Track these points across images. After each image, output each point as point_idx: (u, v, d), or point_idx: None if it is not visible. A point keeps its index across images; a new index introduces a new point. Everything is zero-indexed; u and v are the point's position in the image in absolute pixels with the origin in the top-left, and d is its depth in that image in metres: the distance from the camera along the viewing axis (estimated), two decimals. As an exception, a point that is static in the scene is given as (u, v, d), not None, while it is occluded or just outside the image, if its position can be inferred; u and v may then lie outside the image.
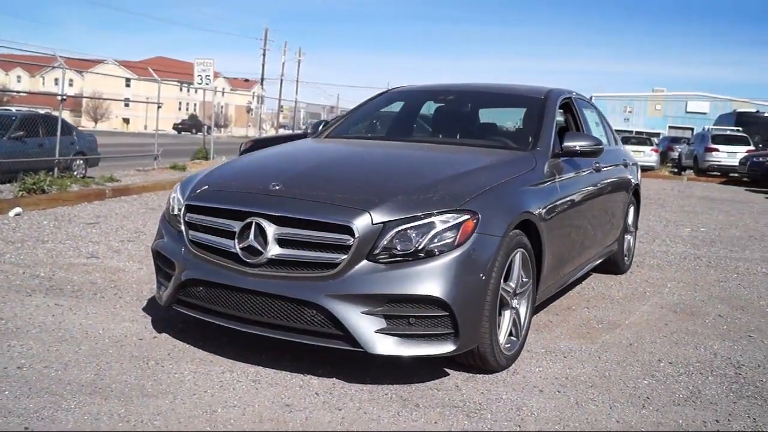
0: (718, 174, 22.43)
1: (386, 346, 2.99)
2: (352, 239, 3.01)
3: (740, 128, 25.35)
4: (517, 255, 3.42)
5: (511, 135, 4.57)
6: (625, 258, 5.98)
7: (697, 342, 4.11)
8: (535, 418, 2.91)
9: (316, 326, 3.06)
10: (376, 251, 3.02)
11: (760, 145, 24.31)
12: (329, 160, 3.95)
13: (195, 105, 75.65)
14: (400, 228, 3.03)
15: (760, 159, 19.34)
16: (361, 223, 3.02)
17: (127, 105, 54.83)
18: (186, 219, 3.47)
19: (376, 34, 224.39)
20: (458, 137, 4.63)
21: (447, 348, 3.04)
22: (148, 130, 49.77)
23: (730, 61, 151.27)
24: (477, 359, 3.27)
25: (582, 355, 3.76)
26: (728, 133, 23.78)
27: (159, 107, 14.59)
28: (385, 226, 3.03)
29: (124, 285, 4.75)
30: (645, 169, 24.18)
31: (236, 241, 3.20)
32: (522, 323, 3.58)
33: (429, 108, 5.06)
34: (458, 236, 3.05)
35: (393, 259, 3.02)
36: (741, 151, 22.18)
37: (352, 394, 3.06)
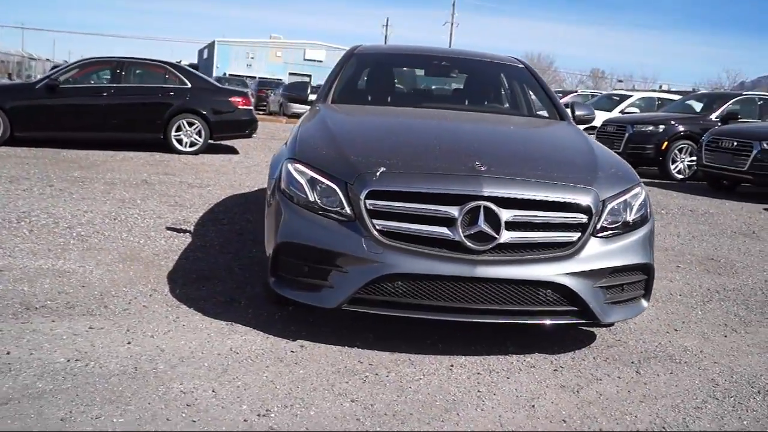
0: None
1: (612, 314, 3.19)
2: (587, 217, 3.09)
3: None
4: None
5: (526, 104, 4.82)
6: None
7: (661, 276, 5.07)
8: (719, 354, 3.46)
9: (550, 305, 3.08)
10: (598, 227, 3.15)
11: None
12: (478, 134, 3.82)
13: None
14: (612, 204, 3.20)
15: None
16: (594, 201, 3.11)
17: None
18: (369, 206, 3.02)
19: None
20: (485, 104, 4.76)
21: (643, 306, 3.36)
22: None
23: (341, 12, 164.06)
24: None
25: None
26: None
27: None
28: (605, 203, 3.17)
29: (116, 292, 3.76)
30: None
31: (459, 227, 2.97)
32: None
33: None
34: (648, 207, 3.36)
35: (608, 233, 3.18)
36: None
37: (577, 364, 3.18)
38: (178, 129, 10.67)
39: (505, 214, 2.99)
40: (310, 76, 66.87)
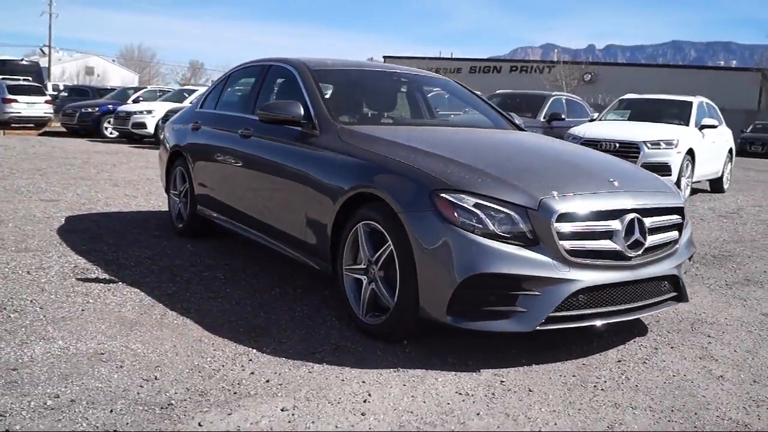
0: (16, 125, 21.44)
1: (690, 294, 3.91)
2: (681, 217, 3.75)
3: (23, 77, 25.12)
4: None
5: (491, 116, 5.12)
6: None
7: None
8: (715, 312, 4.38)
9: (663, 294, 3.67)
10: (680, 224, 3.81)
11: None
12: (559, 154, 4.06)
13: None
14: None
15: (89, 110, 20.10)
16: (683, 204, 3.78)
17: None
18: (558, 230, 3.18)
19: None
20: (476, 119, 4.99)
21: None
22: None
23: None
24: None
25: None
26: (23, 83, 23.19)
27: None
28: None
29: (215, 367, 3.15)
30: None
31: (621, 238, 3.33)
32: None
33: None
34: None
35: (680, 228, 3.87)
36: (40, 101, 22.10)
37: (673, 339, 3.81)
38: None
39: (647, 222, 3.46)
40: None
